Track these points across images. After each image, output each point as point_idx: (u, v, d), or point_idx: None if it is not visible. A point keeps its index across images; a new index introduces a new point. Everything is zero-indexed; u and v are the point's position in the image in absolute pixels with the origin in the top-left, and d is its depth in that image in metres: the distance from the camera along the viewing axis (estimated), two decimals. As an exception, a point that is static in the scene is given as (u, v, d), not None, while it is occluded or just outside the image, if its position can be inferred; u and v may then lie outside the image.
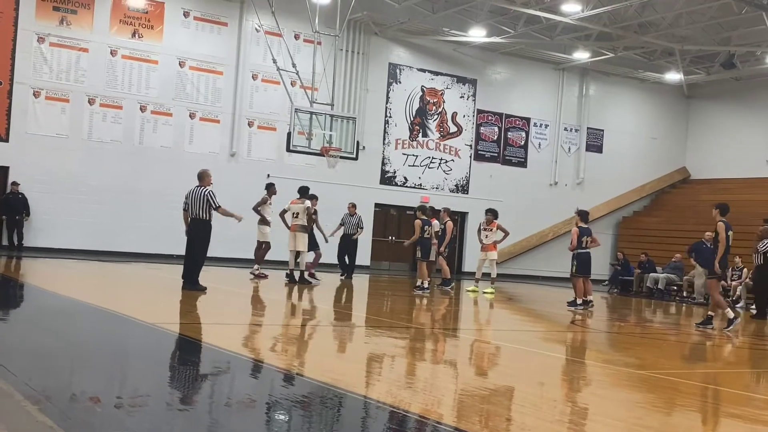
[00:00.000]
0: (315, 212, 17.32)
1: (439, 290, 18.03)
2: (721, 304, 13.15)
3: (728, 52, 26.44)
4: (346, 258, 19.58)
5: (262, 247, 17.71)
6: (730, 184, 29.48)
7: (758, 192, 27.69)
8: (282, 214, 17.28)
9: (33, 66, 21.66)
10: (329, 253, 19.47)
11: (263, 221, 17.49)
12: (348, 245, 19.49)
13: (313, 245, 17.62)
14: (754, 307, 18.00)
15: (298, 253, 16.75)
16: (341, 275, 19.55)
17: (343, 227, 19.36)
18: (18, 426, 4.41)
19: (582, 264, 15.74)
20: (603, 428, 5.49)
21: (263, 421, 5.19)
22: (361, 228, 19.61)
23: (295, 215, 16.81)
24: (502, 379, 7.60)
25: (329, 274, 19.84)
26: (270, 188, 17.61)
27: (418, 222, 17.50)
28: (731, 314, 12.96)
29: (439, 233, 18.30)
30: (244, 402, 5.64)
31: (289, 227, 16.97)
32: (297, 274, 16.77)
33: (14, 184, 21.18)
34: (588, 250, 15.78)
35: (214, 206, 13.07)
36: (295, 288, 15.96)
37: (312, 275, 17.68)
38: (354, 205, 19.60)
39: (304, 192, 17.09)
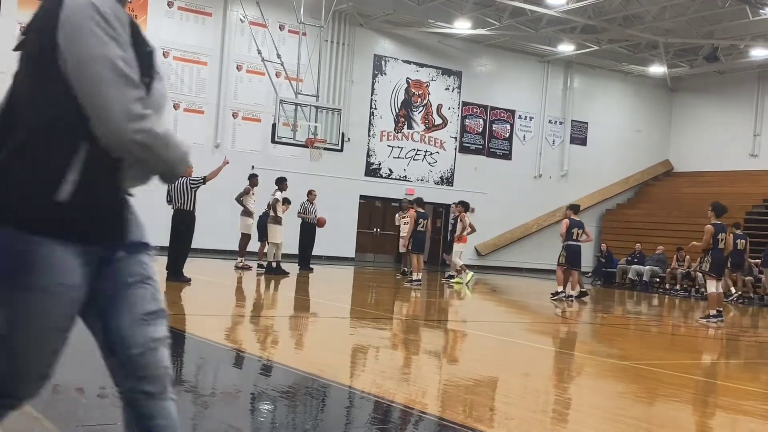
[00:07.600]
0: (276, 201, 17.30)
1: (445, 284, 18.39)
2: None
3: (712, 45, 26.57)
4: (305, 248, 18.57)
5: (247, 238, 17.67)
6: (713, 177, 29.64)
7: (740, 185, 27.83)
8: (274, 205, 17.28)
9: (15, 56, 21.41)
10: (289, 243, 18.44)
11: (246, 212, 17.44)
12: (310, 235, 18.54)
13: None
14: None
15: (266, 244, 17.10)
16: (300, 267, 18.34)
17: (303, 216, 18.32)
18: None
19: (571, 256, 15.82)
20: (587, 418, 5.53)
21: (248, 411, 5.19)
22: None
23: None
24: (487, 369, 7.62)
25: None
26: (252, 179, 17.56)
27: (412, 213, 17.60)
28: None
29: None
30: (229, 392, 5.64)
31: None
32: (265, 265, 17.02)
33: None
34: (579, 243, 15.85)
35: (202, 181, 13.14)
36: (273, 279, 15.98)
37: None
38: (315, 193, 18.78)
39: (278, 182, 17.19)
